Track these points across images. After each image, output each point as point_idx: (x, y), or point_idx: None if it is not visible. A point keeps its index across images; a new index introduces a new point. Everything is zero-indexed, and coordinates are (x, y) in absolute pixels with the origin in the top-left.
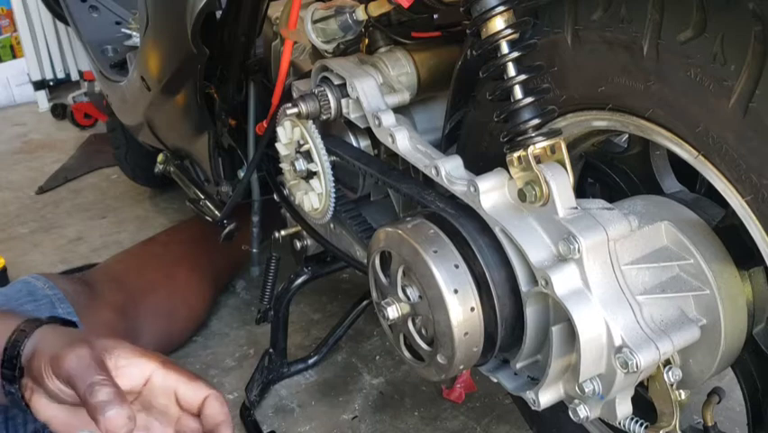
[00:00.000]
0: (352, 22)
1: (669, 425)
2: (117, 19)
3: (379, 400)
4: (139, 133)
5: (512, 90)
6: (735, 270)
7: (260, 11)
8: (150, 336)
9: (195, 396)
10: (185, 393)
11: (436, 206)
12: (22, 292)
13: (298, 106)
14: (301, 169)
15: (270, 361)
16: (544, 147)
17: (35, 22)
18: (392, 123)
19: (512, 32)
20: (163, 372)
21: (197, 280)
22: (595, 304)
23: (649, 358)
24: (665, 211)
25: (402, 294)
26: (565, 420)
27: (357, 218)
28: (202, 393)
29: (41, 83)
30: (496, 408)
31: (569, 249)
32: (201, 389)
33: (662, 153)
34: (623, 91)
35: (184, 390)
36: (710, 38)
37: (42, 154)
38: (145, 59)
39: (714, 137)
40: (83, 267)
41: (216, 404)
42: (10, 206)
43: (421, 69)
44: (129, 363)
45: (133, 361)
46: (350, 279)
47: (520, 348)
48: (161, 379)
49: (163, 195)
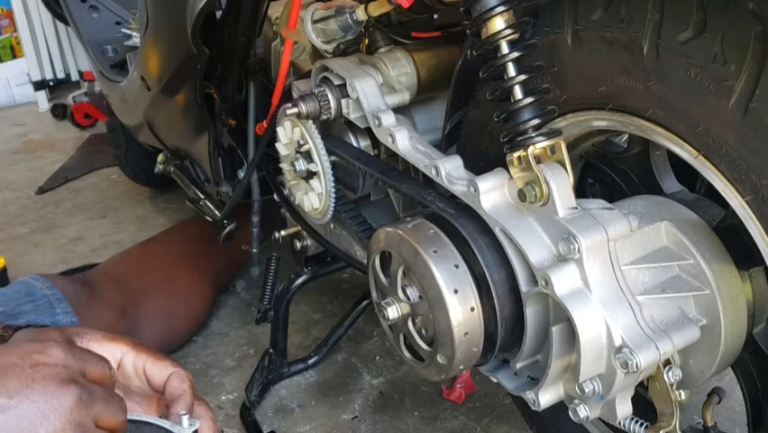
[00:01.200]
0: (352, 22)
1: (669, 425)
2: (117, 19)
3: (379, 400)
4: (139, 133)
5: (512, 90)
6: (735, 270)
7: (260, 11)
8: (150, 337)
9: (160, 375)
10: (151, 372)
11: (436, 206)
12: (20, 293)
13: (298, 106)
14: (301, 169)
15: (270, 361)
16: (544, 147)
17: (35, 22)
18: (392, 123)
19: (512, 32)
20: (134, 354)
21: (198, 280)
22: (595, 304)
23: (649, 358)
24: (665, 211)
25: (402, 294)
26: (565, 420)
27: (357, 218)
28: (167, 372)
29: (41, 83)
30: (496, 408)
31: (569, 249)
32: (166, 367)
33: (662, 153)
34: (623, 91)
35: (150, 369)
36: (710, 38)
37: (42, 154)
38: (145, 59)
39: (714, 137)
40: (83, 267)
41: (177, 381)
42: (10, 206)
43: (421, 69)
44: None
45: (104, 344)
46: (350, 279)
47: (520, 348)
48: (132, 361)
49: (163, 195)
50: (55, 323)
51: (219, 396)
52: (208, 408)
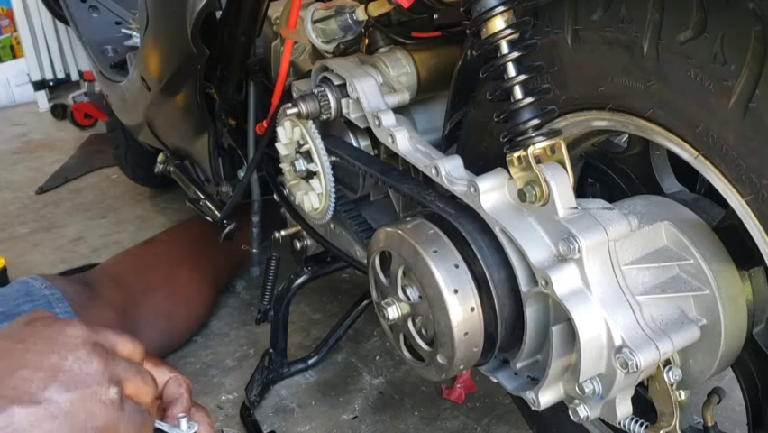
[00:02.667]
0: (352, 22)
1: (669, 425)
2: (117, 19)
3: (379, 400)
4: (139, 133)
5: (512, 90)
6: (735, 270)
7: (260, 11)
8: (150, 337)
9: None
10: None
11: (436, 206)
12: (19, 292)
13: (298, 106)
14: (301, 169)
15: (270, 361)
16: (544, 147)
17: (35, 22)
18: (392, 123)
19: (512, 32)
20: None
21: (198, 280)
22: (595, 304)
23: (649, 358)
24: (665, 211)
25: (402, 294)
26: (565, 420)
27: (357, 218)
28: (165, 377)
29: (41, 83)
30: (496, 408)
31: (569, 249)
32: (164, 373)
33: (662, 153)
34: (623, 91)
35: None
36: (710, 38)
37: (42, 154)
38: (145, 59)
39: (714, 137)
40: (83, 267)
41: (174, 385)
42: (10, 206)
43: (421, 69)
44: None
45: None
46: (350, 279)
47: (520, 348)
48: None
49: (163, 195)
50: None
51: (219, 396)
52: (206, 414)
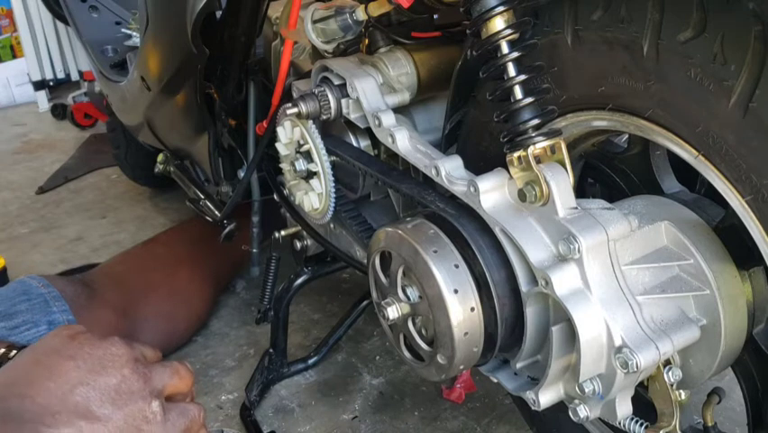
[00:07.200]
0: (352, 22)
1: (669, 425)
2: (117, 19)
3: (379, 400)
4: (139, 133)
5: (512, 90)
6: (735, 270)
7: (260, 11)
8: (150, 337)
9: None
10: None
11: (436, 206)
12: (16, 292)
13: (298, 106)
14: (301, 169)
15: (270, 361)
16: (544, 147)
17: (35, 22)
18: (392, 123)
19: (512, 32)
20: None
21: (198, 280)
22: (595, 304)
23: (649, 358)
24: (665, 211)
25: (402, 294)
26: (565, 420)
27: (357, 218)
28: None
29: (41, 83)
30: (496, 408)
31: (569, 249)
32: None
33: (662, 153)
34: (623, 91)
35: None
36: (710, 38)
37: (42, 154)
38: (145, 59)
39: (714, 137)
40: (83, 267)
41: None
42: (10, 206)
43: (421, 69)
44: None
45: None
46: (350, 279)
47: (520, 348)
48: None
49: (163, 195)
50: (51, 321)
51: (219, 396)
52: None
